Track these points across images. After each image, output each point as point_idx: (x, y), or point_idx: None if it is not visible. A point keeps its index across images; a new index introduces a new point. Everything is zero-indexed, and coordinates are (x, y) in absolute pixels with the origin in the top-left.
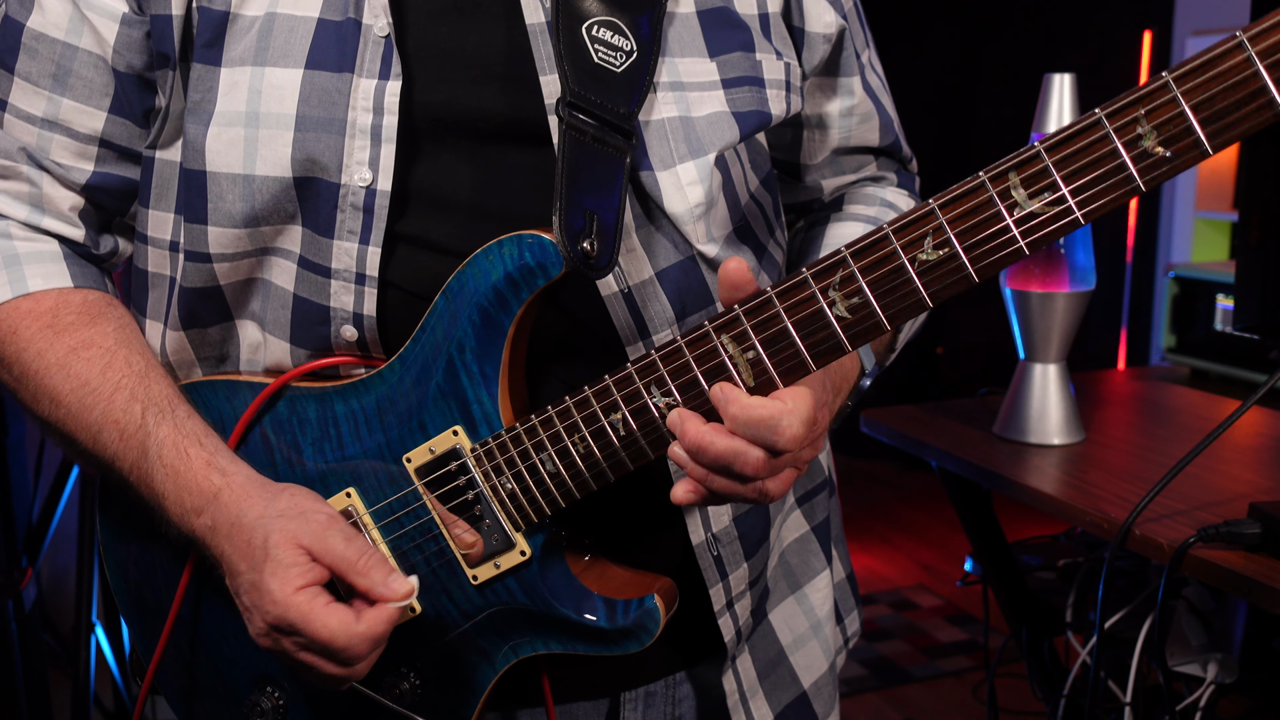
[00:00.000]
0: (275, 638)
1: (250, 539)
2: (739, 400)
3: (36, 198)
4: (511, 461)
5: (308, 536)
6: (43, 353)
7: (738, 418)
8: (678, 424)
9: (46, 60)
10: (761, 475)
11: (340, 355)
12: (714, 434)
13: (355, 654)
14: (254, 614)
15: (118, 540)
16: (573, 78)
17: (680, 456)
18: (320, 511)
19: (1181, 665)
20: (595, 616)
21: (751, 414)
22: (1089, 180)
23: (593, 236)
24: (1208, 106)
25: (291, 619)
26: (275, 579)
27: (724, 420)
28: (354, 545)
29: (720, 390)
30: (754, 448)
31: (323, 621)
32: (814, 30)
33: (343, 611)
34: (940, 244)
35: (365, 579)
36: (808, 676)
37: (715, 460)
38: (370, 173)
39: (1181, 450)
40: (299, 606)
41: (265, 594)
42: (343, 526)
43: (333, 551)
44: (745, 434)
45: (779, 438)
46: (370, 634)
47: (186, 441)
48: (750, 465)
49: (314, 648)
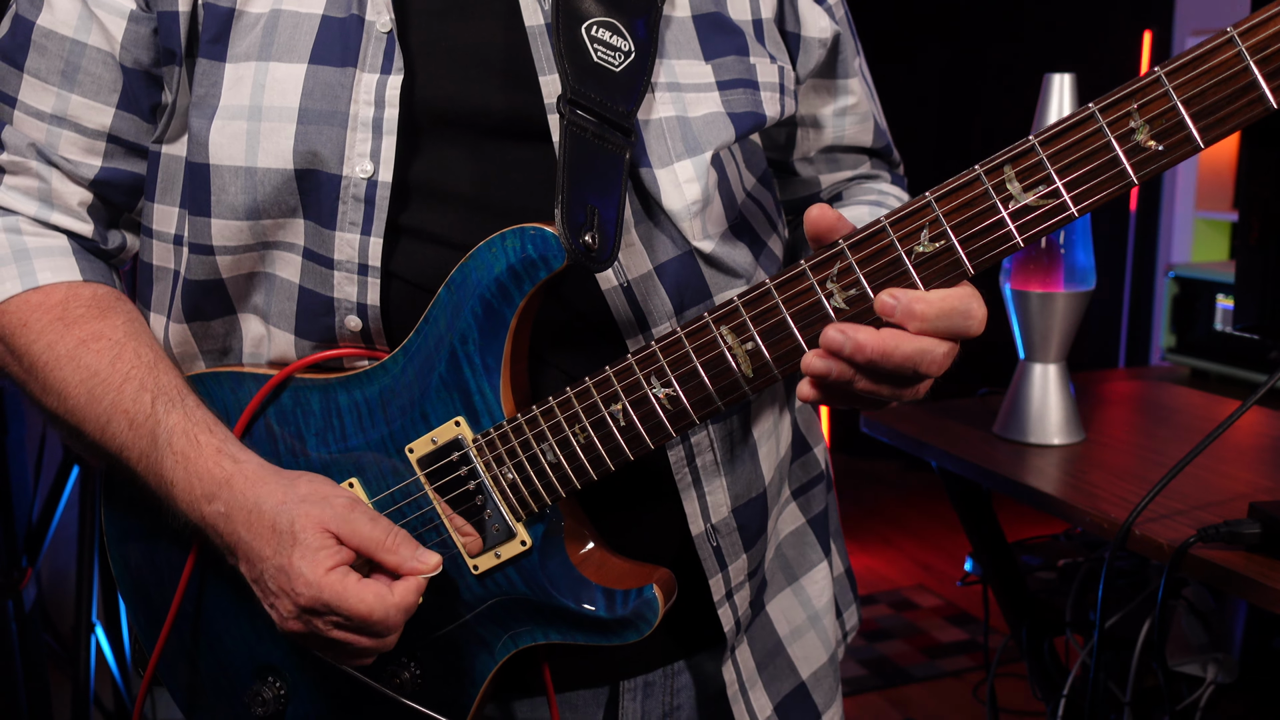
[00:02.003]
0: (307, 619)
1: (275, 524)
2: (923, 295)
3: (46, 193)
4: (513, 452)
5: (334, 520)
6: (53, 344)
7: (926, 313)
8: (843, 337)
9: (56, 57)
10: (939, 372)
11: (345, 346)
12: (897, 338)
13: (391, 624)
14: (282, 599)
15: (122, 532)
16: (573, 75)
17: (817, 366)
18: (341, 495)
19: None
20: (594, 606)
21: (946, 303)
22: (1083, 173)
23: (594, 230)
24: (1199, 101)
25: (326, 598)
26: (305, 561)
27: (905, 322)
28: (379, 525)
29: (893, 294)
30: (941, 343)
31: (359, 597)
32: (810, 35)
33: (376, 585)
34: (936, 236)
35: (395, 555)
36: (806, 667)
37: (902, 362)
38: (371, 164)
39: (1181, 450)
40: (333, 586)
41: (297, 577)
42: (365, 509)
43: (360, 533)
44: (937, 326)
45: (973, 320)
46: (403, 604)
47: (197, 429)
48: (937, 362)
49: (350, 624)
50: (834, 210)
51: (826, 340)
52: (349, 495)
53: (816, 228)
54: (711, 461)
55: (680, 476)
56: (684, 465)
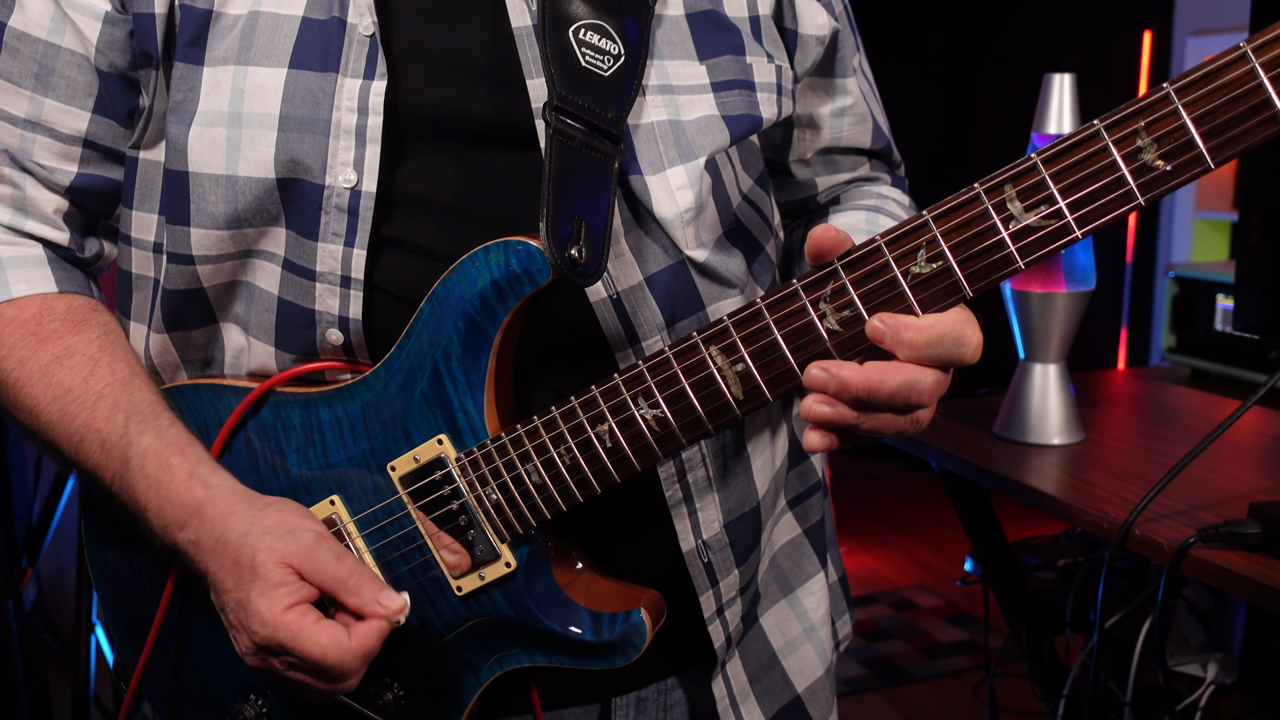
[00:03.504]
0: (264, 657)
1: (237, 557)
2: (912, 323)
3: (19, 200)
4: (497, 472)
5: (296, 556)
6: (24, 360)
7: (915, 341)
8: (827, 375)
9: (29, 60)
10: (930, 401)
11: (326, 360)
12: (882, 371)
13: (347, 670)
14: (241, 633)
15: (102, 546)
16: (560, 82)
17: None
18: (308, 529)
19: (1181, 665)
20: (581, 629)
21: (937, 330)
22: (1087, 194)
23: (581, 243)
24: (1210, 119)
25: (281, 639)
26: (263, 599)
27: (895, 349)
28: (344, 564)
29: (883, 319)
30: (928, 372)
31: (314, 640)
32: (807, 32)
33: (333, 628)
34: (934, 257)
35: (357, 598)
36: (802, 681)
37: (890, 397)
38: (355, 174)
39: (1181, 450)
40: (288, 626)
41: (253, 614)
42: (332, 544)
43: (323, 571)
44: (927, 354)
45: (965, 348)
46: (361, 649)
47: (169, 451)
48: (927, 392)
49: (304, 667)
50: (836, 230)
51: (810, 380)
52: (317, 529)
53: (819, 246)
54: (703, 477)
55: (671, 493)
56: (674, 481)
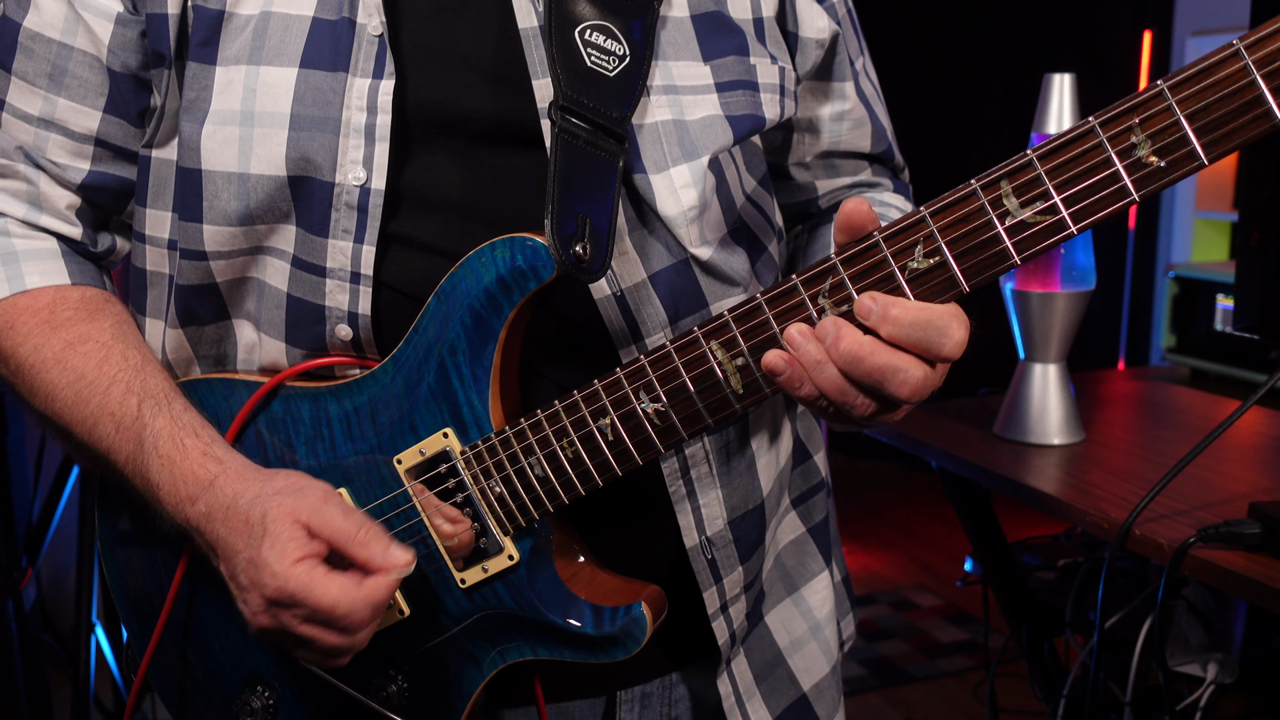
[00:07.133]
0: (275, 613)
1: (248, 517)
2: (901, 302)
3: (34, 196)
4: (500, 465)
5: (305, 511)
6: (39, 347)
7: (901, 318)
8: (831, 331)
9: (43, 60)
10: (910, 398)
11: (335, 355)
12: (874, 345)
13: (357, 621)
14: (251, 592)
15: (115, 535)
16: (565, 82)
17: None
18: (316, 487)
19: (1181, 665)
20: (581, 623)
21: (923, 314)
22: (1082, 190)
23: (585, 240)
24: (1203, 116)
25: (292, 589)
26: (273, 551)
27: (880, 326)
28: (352, 518)
29: (873, 297)
30: (916, 365)
31: (324, 589)
32: (807, 35)
33: (343, 578)
34: (931, 252)
35: (365, 550)
36: (808, 679)
37: (869, 374)
38: (364, 171)
39: (1181, 450)
40: (299, 577)
41: (264, 568)
42: (339, 500)
43: (331, 524)
44: (909, 337)
45: (948, 339)
46: (371, 599)
47: (182, 432)
48: (908, 385)
49: (316, 618)
50: (869, 205)
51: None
52: (324, 487)
53: (850, 220)
54: (707, 473)
55: (674, 489)
56: (678, 477)
